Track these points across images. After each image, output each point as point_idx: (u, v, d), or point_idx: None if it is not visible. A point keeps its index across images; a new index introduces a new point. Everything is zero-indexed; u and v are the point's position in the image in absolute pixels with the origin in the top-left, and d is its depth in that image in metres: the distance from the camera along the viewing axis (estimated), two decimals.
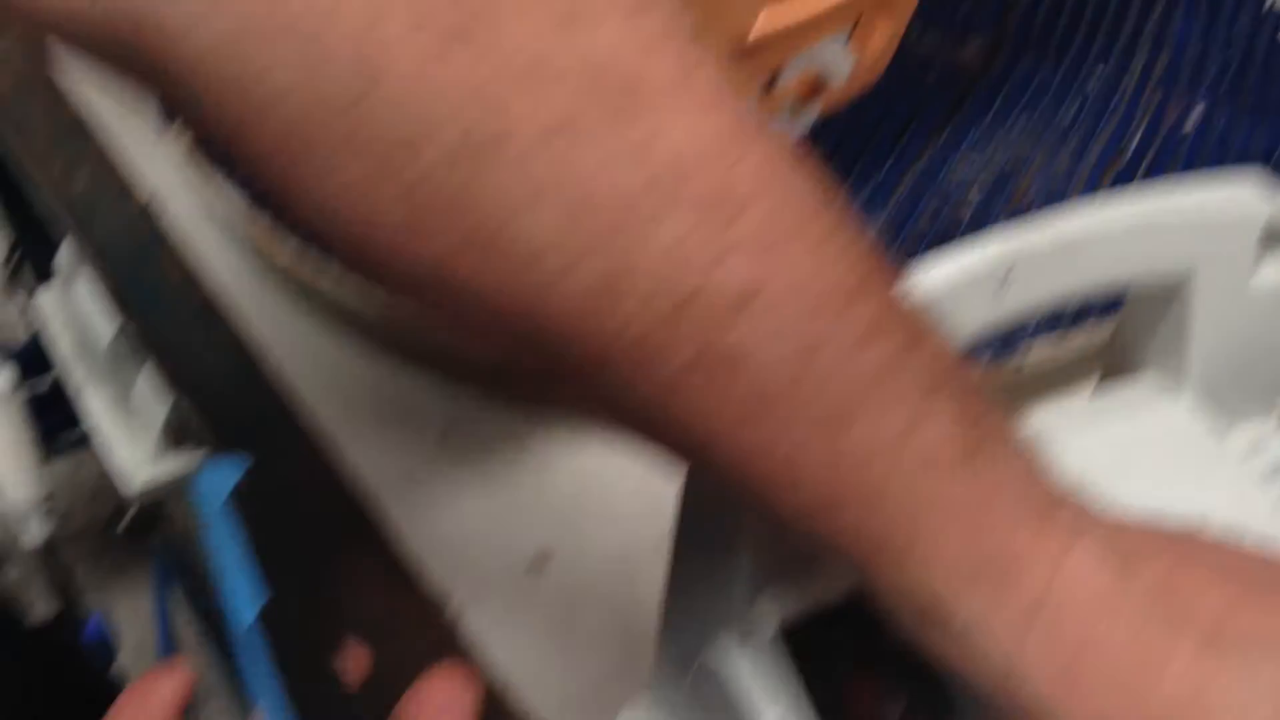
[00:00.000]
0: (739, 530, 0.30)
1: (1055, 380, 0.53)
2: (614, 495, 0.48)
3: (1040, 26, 0.67)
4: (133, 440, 1.00)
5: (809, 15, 0.48)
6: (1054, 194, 0.59)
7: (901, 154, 0.61)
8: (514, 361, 0.26)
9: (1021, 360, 0.52)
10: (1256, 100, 0.64)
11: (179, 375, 0.53)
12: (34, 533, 0.76)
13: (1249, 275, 0.34)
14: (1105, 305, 0.52)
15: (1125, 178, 0.60)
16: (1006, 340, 0.53)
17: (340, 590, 0.26)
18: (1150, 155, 0.61)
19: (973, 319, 0.32)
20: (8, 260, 0.98)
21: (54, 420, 0.83)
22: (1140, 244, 0.34)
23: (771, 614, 0.32)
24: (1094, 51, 0.68)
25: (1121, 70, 0.67)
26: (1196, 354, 0.36)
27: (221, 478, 0.26)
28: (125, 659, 0.90)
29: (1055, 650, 0.24)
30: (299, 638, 0.24)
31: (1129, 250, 0.34)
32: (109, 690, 0.32)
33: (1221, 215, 0.34)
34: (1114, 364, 0.39)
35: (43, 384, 0.84)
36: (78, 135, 0.65)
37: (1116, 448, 0.36)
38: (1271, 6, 0.73)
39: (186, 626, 1.10)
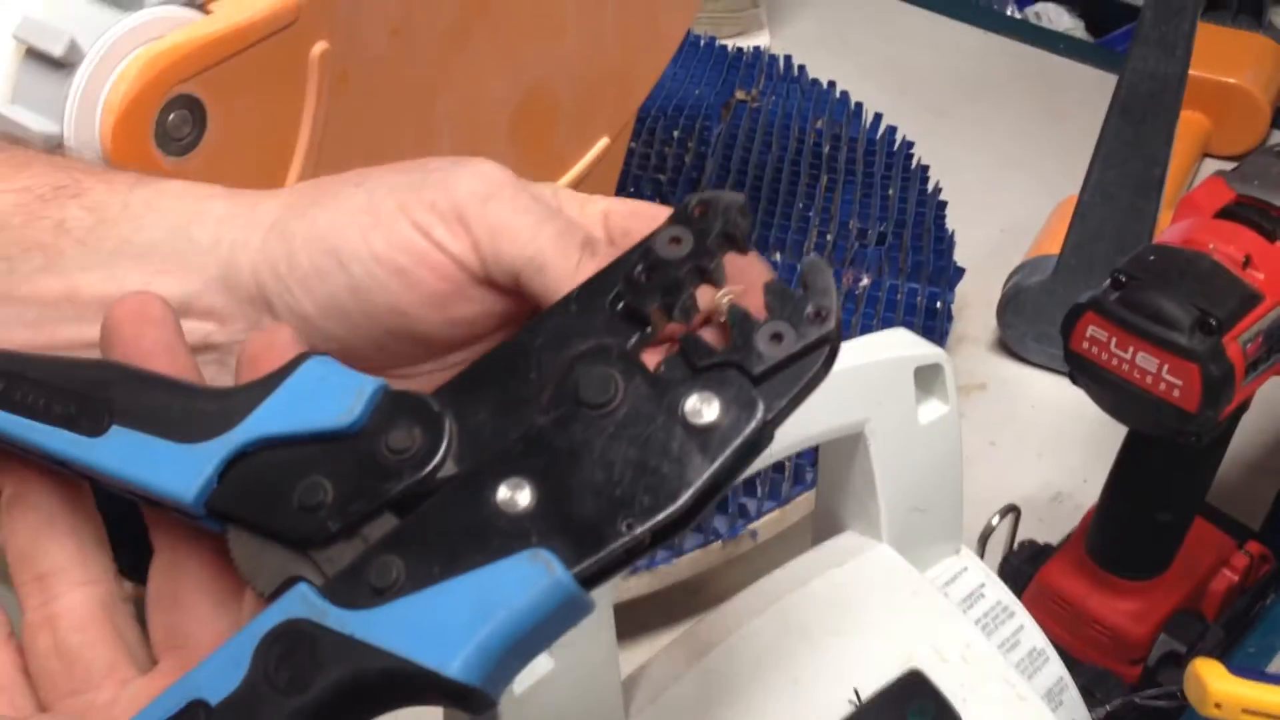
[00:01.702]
0: None
1: (783, 546, 0.55)
2: None
3: None
4: None
5: None
6: None
7: None
8: None
9: (753, 533, 0.55)
10: (912, 260, 0.70)
11: None
12: None
13: (912, 415, 0.37)
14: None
15: None
16: (741, 511, 0.55)
17: None
18: None
19: None
20: None
21: None
22: (819, 399, 0.35)
23: None
24: (773, 234, 0.72)
25: (798, 247, 0.72)
26: (884, 503, 0.38)
27: None
28: None
29: None
30: None
31: (811, 408, 0.35)
32: None
33: (879, 364, 0.36)
34: (821, 528, 0.41)
35: None
36: None
37: (838, 589, 0.37)
38: (918, 162, 0.81)
39: None
